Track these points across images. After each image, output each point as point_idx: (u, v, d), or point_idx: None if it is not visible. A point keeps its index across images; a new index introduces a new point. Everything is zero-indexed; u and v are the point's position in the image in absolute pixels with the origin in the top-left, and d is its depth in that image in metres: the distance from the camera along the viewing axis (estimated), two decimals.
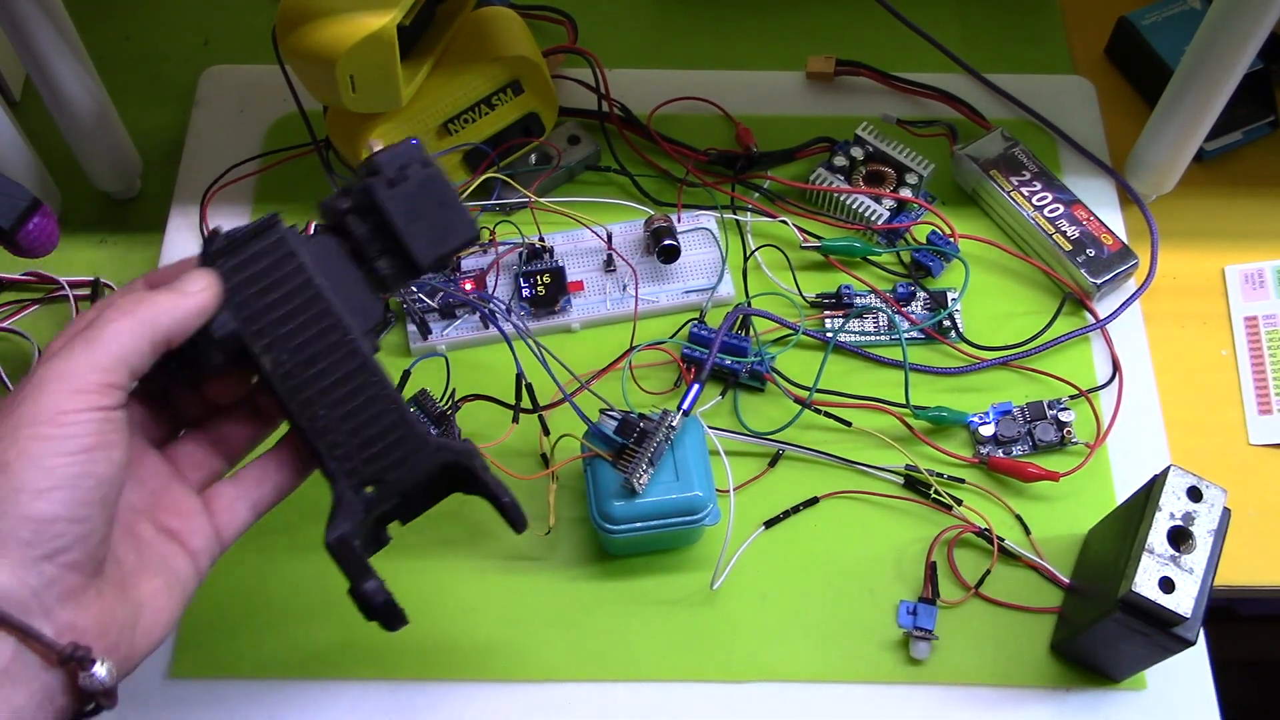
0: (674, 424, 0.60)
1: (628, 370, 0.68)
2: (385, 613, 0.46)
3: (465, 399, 0.66)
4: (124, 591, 0.42)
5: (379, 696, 0.61)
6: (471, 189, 0.71)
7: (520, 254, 0.71)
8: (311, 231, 0.48)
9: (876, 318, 0.72)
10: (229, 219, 0.75)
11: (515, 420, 0.64)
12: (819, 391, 0.68)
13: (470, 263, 0.71)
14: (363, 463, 0.46)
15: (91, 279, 0.73)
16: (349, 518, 0.45)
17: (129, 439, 0.41)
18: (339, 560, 0.45)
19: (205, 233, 0.74)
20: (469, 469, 0.47)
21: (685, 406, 0.61)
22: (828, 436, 0.68)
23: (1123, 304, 0.72)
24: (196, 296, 0.43)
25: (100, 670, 0.39)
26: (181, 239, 0.74)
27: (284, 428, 0.49)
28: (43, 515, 0.38)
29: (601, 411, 0.61)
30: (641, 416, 0.60)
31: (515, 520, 0.49)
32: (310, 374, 0.45)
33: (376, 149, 0.53)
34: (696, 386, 0.62)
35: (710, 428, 0.65)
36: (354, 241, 0.47)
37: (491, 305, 0.69)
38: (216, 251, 0.45)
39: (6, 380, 0.70)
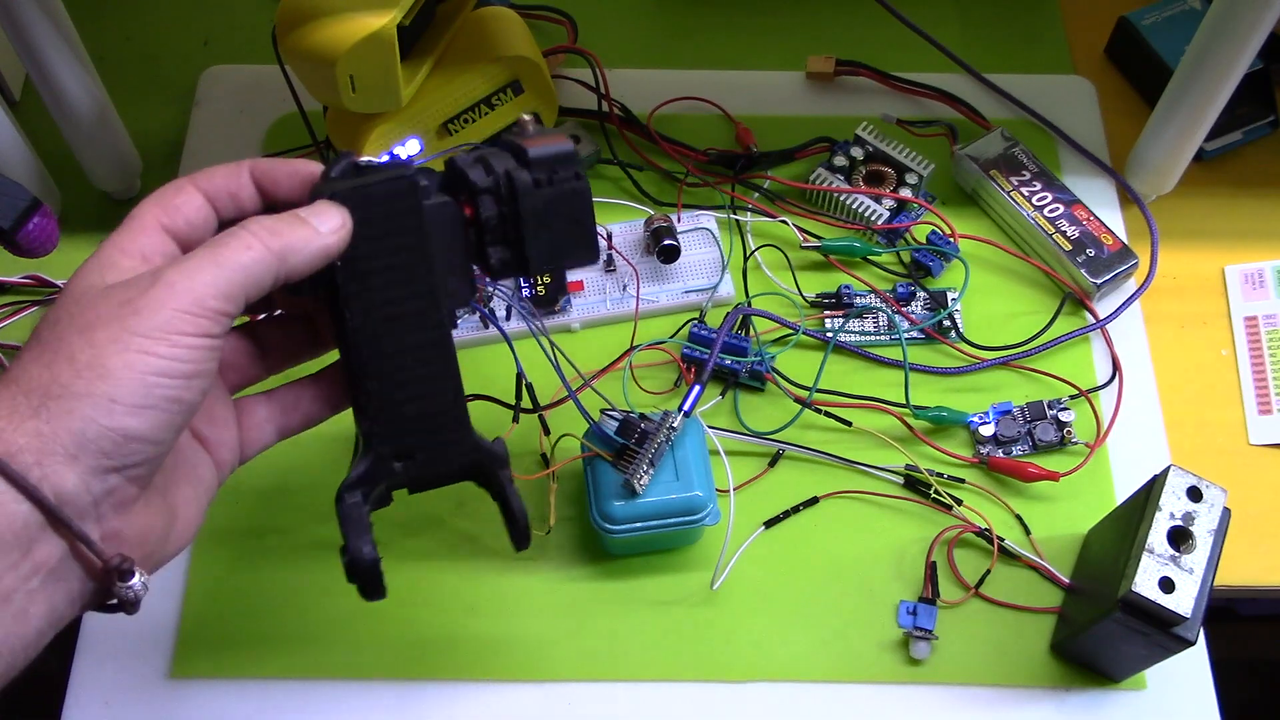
0: (675, 425, 0.60)
1: (628, 370, 0.68)
2: (369, 577, 0.44)
3: (466, 398, 0.66)
4: (164, 500, 0.41)
5: (379, 696, 0.61)
6: None
7: None
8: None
9: (876, 318, 0.72)
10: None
11: (515, 420, 0.64)
12: (819, 391, 0.68)
13: None
14: (404, 433, 0.45)
15: None
16: (369, 481, 0.45)
17: (214, 366, 0.40)
18: (344, 518, 0.44)
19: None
20: (496, 476, 0.47)
21: (686, 407, 0.61)
22: (828, 436, 0.68)
23: (1123, 304, 0.72)
24: (330, 238, 0.42)
25: (136, 581, 0.39)
26: None
27: (329, 356, 0.48)
28: (130, 431, 0.37)
29: (603, 411, 0.61)
30: (642, 417, 0.60)
31: (519, 538, 0.48)
32: (387, 330, 0.44)
33: (530, 129, 0.50)
34: (698, 388, 0.62)
35: (710, 428, 0.65)
36: (479, 221, 0.45)
37: (496, 299, 0.69)
38: (340, 177, 0.44)
39: None
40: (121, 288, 0.39)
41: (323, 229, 0.42)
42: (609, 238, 0.71)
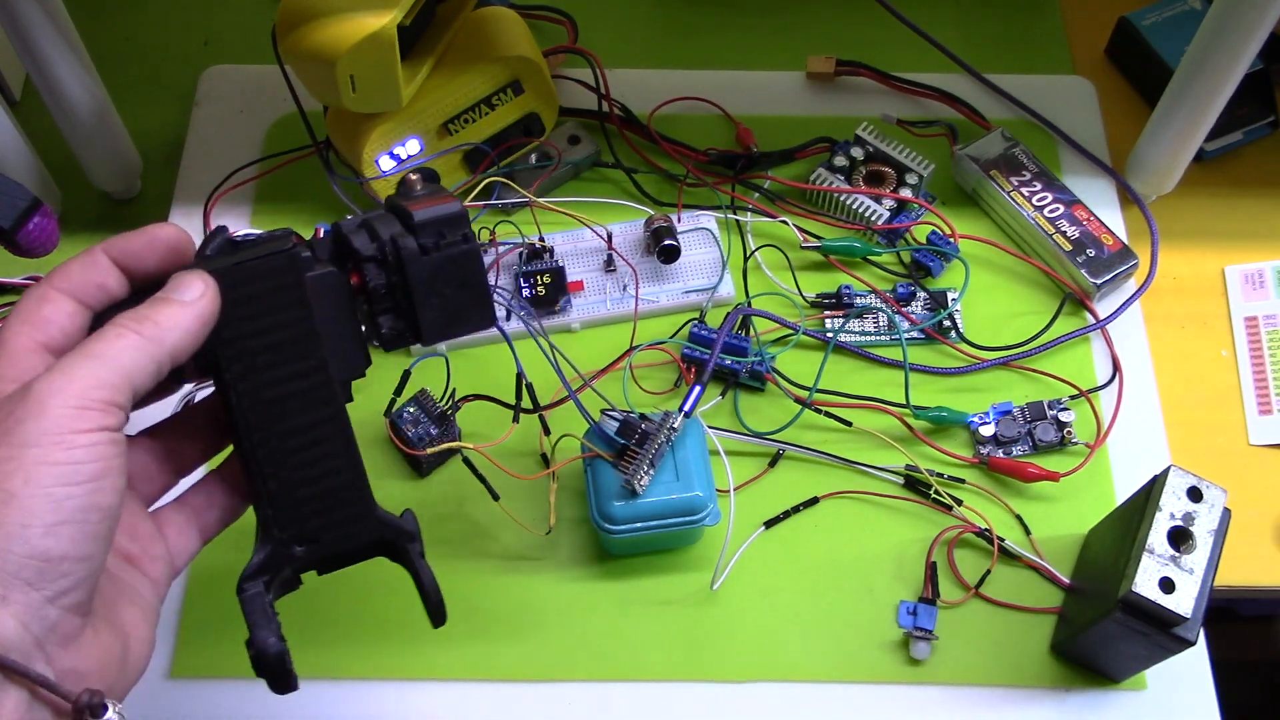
0: (675, 426, 0.60)
1: (628, 370, 0.68)
2: (277, 670, 0.41)
3: (465, 399, 0.66)
4: (111, 626, 0.39)
5: (379, 696, 0.61)
6: (475, 191, 0.71)
7: (520, 254, 0.71)
8: (320, 235, 0.45)
9: (876, 318, 0.72)
10: (229, 221, 0.74)
11: (516, 420, 0.64)
12: (819, 391, 0.68)
13: None
14: (303, 517, 0.43)
15: None
16: (270, 569, 0.43)
17: (123, 450, 0.38)
18: (246, 609, 0.42)
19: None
20: (405, 552, 0.45)
21: (687, 408, 0.61)
22: (828, 436, 0.68)
23: (1123, 304, 0.72)
24: (199, 304, 0.40)
25: (111, 715, 0.36)
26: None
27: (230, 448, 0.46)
28: (50, 553, 0.35)
29: (603, 412, 0.61)
30: (643, 418, 0.60)
31: (433, 612, 0.45)
32: (277, 412, 0.42)
33: (418, 189, 0.49)
34: (698, 388, 0.62)
35: (710, 428, 0.65)
36: (365, 290, 0.43)
37: (495, 299, 0.69)
38: (215, 255, 0.42)
39: None
40: (2, 403, 0.37)
41: (187, 298, 0.40)
42: (609, 238, 0.71)
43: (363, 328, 0.44)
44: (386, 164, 0.69)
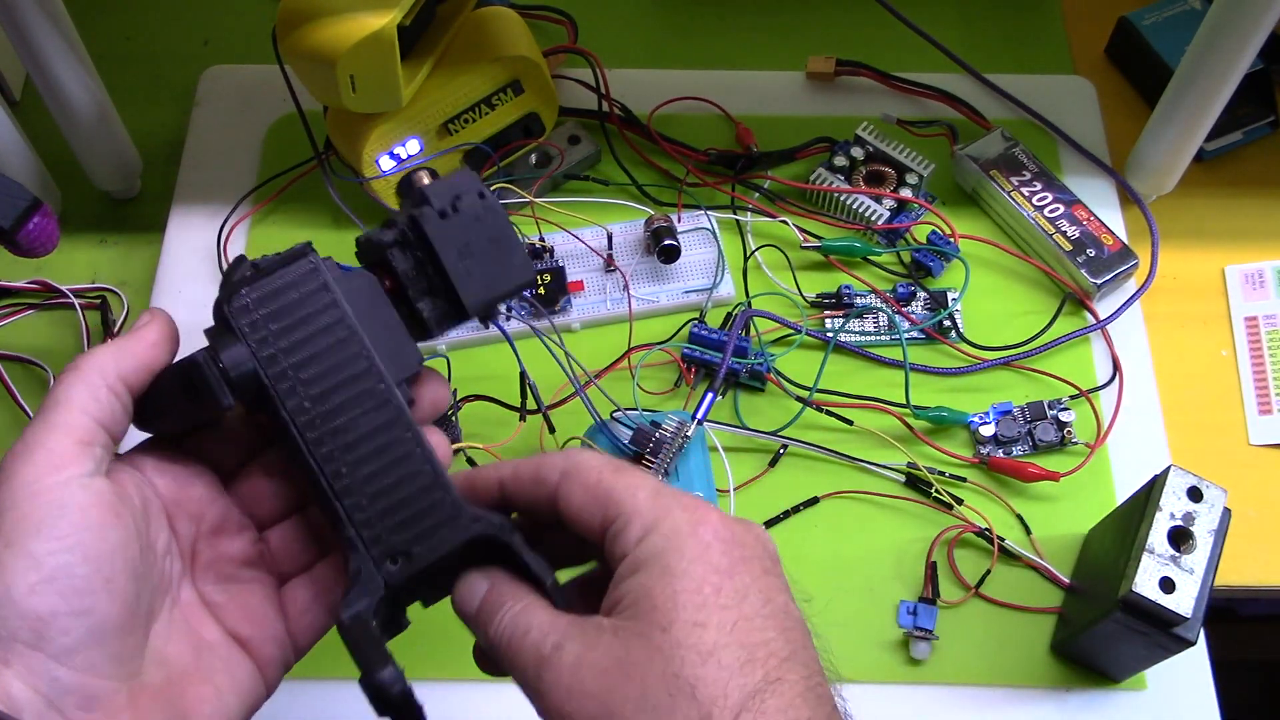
0: (689, 434, 0.60)
1: (634, 370, 0.68)
2: (402, 707, 0.39)
3: (467, 399, 0.66)
4: (168, 699, 0.37)
5: None
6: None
7: None
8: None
9: (877, 318, 0.72)
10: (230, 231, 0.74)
11: (523, 419, 0.64)
12: (819, 391, 0.68)
13: None
14: (387, 531, 0.40)
15: (99, 290, 0.72)
16: (367, 594, 0.39)
17: (130, 510, 0.37)
18: (351, 642, 0.39)
19: (224, 265, 0.72)
20: (506, 544, 0.40)
21: (700, 415, 0.61)
22: (828, 436, 0.68)
23: (1123, 304, 0.72)
24: (143, 329, 0.39)
25: None
26: (182, 239, 0.74)
27: None
28: (39, 613, 0.34)
29: (613, 414, 0.61)
30: (655, 425, 0.60)
31: (558, 599, 0.40)
32: (336, 425, 0.39)
33: (425, 181, 0.47)
34: (711, 395, 0.62)
35: (709, 421, 0.65)
36: (395, 277, 0.41)
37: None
38: (240, 281, 0.40)
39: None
40: None
41: (136, 326, 0.40)
42: (609, 238, 0.71)
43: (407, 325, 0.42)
44: (386, 164, 0.69)
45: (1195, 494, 0.56)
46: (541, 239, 0.71)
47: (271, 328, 0.39)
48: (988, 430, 0.68)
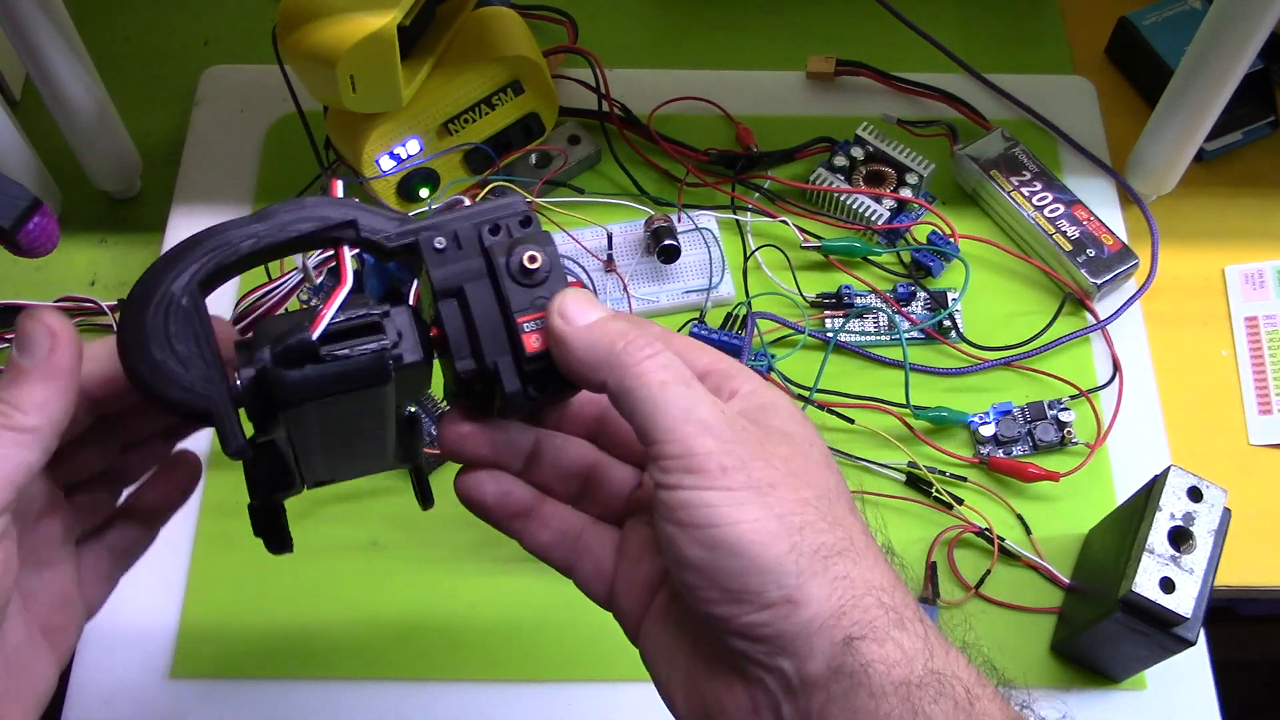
0: None
1: None
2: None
3: None
4: None
5: (379, 696, 0.61)
6: (483, 193, 0.71)
7: None
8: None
9: (877, 318, 0.72)
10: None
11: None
12: (820, 391, 0.68)
13: None
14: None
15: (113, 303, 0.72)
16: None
17: (14, 548, 0.33)
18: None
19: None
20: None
21: None
22: (828, 436, 0.68)
23: (1123, 304, 0.72)
24: (52, 363, 0.34)
25: None
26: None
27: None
28: None
29: None
30: None
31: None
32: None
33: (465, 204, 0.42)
34: None
35: None
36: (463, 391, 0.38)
37: None
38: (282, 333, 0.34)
39: None
40: None
41: (37, 358, 0.34)
42: (609, 238, 0.71)
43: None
44: (386, 164, 0.69)
45: (1195, 494, 0.56)
46: None
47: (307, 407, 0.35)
48: (988, 430, 0.68)
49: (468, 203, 0.51)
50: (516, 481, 0.40)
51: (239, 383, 0.34)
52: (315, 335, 0.34)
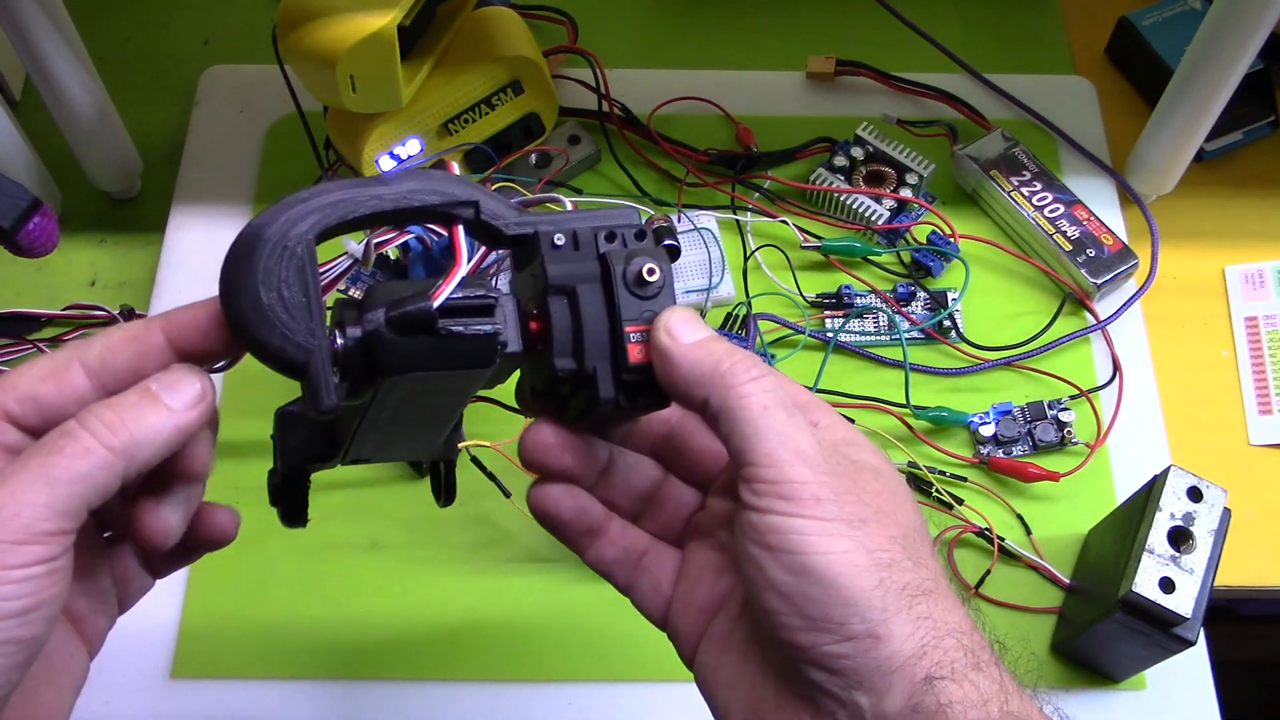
0: None
1: None
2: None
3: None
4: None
5: (379, 696, 0.61)
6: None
7: None
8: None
9: (877, 318, 0.72)
10: (227, 226, 0.74)
11: (526, 419, 0.64)
12: (820, 391, 0.68)
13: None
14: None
15: (122, 311, 0.70)
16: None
17: (72, 556, 0.33)
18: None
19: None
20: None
21: None
22: None
23: (1123, 304, 0.72)
24: (187, 415, 0.34)
25: None
26: (182, 239, 0.74)
27: None
28: None
29: None
30: None
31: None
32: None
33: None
34: None
35: None
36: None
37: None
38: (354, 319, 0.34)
39: None
40: None
41: (176, 404, 0.34)
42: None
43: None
44: (386, 164, 0.69)
45: (1195, 494, 0.56)
46: None
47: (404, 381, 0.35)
48: (988, 430, 0.68)
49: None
50: (590, 498, 0.40)
51: (341, 341, 0.34)
52: (436, 305, 0.33)
